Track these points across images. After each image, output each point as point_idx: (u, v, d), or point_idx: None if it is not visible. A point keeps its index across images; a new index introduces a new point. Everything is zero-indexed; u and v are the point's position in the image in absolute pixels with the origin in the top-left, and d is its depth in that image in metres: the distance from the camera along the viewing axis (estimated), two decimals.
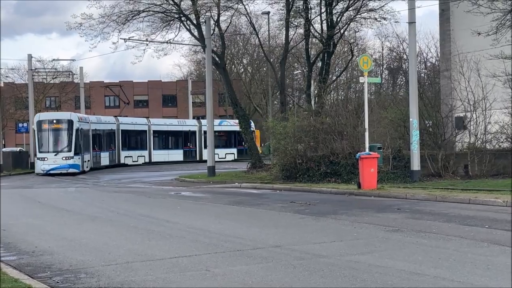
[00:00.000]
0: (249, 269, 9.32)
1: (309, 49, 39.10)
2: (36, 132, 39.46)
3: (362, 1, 35.38)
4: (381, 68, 64.22)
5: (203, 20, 35.62)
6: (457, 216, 14.55)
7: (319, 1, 35.93)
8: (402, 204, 17.42)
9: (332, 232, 12.81)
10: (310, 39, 38.58)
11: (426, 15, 78.84)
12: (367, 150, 21.39)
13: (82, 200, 21.87)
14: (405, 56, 49.82)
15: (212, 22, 36.30)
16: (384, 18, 36.42)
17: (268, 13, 42.03)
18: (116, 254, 10.67)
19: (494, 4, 26.86)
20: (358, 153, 21.52)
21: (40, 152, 39.15)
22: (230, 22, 41.92)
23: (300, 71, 58.31)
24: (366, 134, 21.55)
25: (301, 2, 35.99)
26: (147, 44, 37.41)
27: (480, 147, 26.06)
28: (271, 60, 43.29)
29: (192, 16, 36.55)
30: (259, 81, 66.91)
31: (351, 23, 37.37)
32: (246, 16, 40.00)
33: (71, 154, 39.40)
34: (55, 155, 38.96)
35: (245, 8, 37.89)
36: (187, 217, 15.88)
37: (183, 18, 37.21)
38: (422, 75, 47.36)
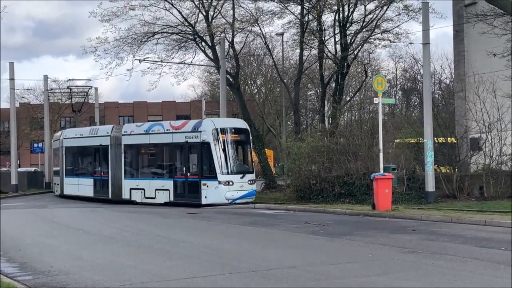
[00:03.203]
0: None
1: (323, 70, 39.21)
2: (213, 144, 26.75)
3: (376, 23, 35.52)
4: (395, 89, 64.24)
5: (218, 41, 35.86)
6: (473, 238, 14.46)
7: (333, 22, 36.10)
8: (417, 225, 17.34)
9: (347, 253, 12.77)
10: (324, 60, 38.71)
11: (440, 36, 79.01)
12: (381, 171, 21.35)
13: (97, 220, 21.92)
14: (419, 77, 49.80)
15: (226, 43, 36.54)
16: (398, 39, 36.53)
17: (282, 34, 42.26)
18: (131, 274, 10.69)
19: (508, 25, 26.88)
20: (373, 174, 21.48)
21: (223, 173, 26.69)
22: (244, 43, 42.21)
23: (313, 91, 58.45)
24: (381, 155, 21.53)
25: (315, 24, 36.18)
26: (161, 65, 37.72)
27: (496, 169, 25.94)
28: (285, 80, 43.44)
29: (207, 38, 36.82)
30: (272, 101, 67.07)
31: (365, 44, 37.50)
32: (260, 37, 40.27)
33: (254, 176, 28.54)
34: (241, 177, 27.26)
35: (260, 29, 38.15)
36: (202, 237, 15.88)
37: (197, 40, 37.49)
38: (436, 96, 47.30)
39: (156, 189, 28.94)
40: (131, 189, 30.30)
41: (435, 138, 25.44)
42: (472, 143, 28.10)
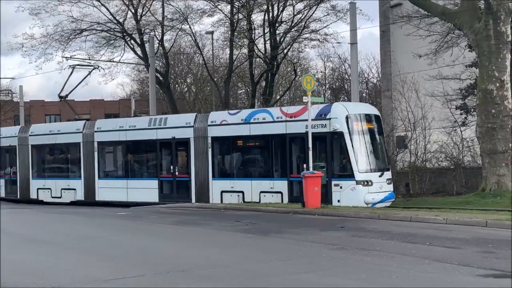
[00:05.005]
0: None
1: (253, 69, 39.40)
2: (347, 135, 22.12)
3: (305, 23, 35.96)
4: (324, 88, 65.09)
5: (147, 40, 35.57)
6: (399, 233, 14.81)
7: (262, 22, 36.34)
8: (346, 222, 17.63)
9: (277, 251, 12.88)
10: (254, 59, 38.92)
11: (366, 37, 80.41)
12: (311, 169, 21.59)
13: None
14: (347, 76, 50.70)
15: (156, 41, 36.26)
16: (326, 40, 37.10)
17: (212, 33, 42.25)
18: (59, 275, 10.47)
19: (432, 27, 27.67)
20: (302, 172, 21.69)
21: (361, 171, 22.12)
22: (174, 42, 42.02)
23: (244, 90, 58.60)
24: (310, 153, 21.77)
25: (245, 22, 36.34)
26: (89, 63, 37.10)
27: (421, 166, 26.67)
28: (215, 79, 43.42)
29: (136, 35, 36.48)
30: (203, 100, 66.85)
31: (294, 44, 37.93)
32: (190, 36, 40.16)
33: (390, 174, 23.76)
34: (380, 176, 22.72)
35: (190, 27, 38.03)
36: (130, 237, 15.71)
37: (126, 37, 37.08)
38: (364, 95, 48.27)
39: (261, 192, 23.71)
40: (222, 192, 25.25)
41: None
42: (398, 141, 28.81)
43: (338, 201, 21.98)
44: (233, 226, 17.42)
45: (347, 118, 22.21)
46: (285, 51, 38.00)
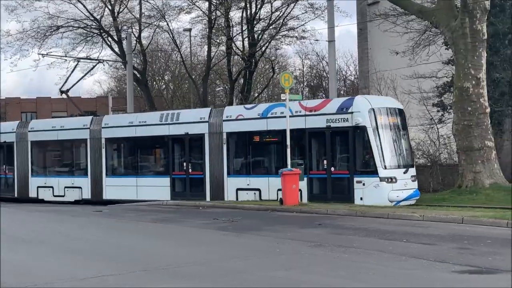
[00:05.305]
0: (174, 286, 9.27)
1: (231, 66, 39.39)
2: (370, 129, 21.16)
3: (283, 20, 36.02)
4: (302, 85, 65.23)
5: (124, 37, 35.41)
6: (377, 230, 14.91)
7: (240, 19, 36.33)
8: (324, 219, 17.69)
9: (255, 248, 12.90)
10: (232, 56, 38.91)
11: (344, 34, 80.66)
12: (289, 166, 21.63)
13: None
14: (325, 74, 50.85)
15: (133, 38, 36.10)
16: (303, 37, 37.20)
17: (189, 30, 42.15)
18: (35, 274, 10.39)
19: (410, 24, 27.84)
20: (280, 169, 21.72)
21: (384, 167, 21.12)
22: (152, 39, 41.87)
23: (222, 88, 58.56)
24: (288, 150, 21.81)
25: (223, 20, 36.31)
26: (65, 60, 36.87)
27: None
28: (193, 76, 43.33)
29: (113, 32, 36.30)
30: (181, 97, 66.67)
31: (272, 41, 37.97)
32: (168, 33, 40.05)
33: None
34: (405, 172, 21.81)
35: (167, 25, 37.92)
36: (109, 235, 15.63)
37: (104, 34, 36.88)
38: (342, 92, 48.46)
39: (279, 189, 21.89)
40: (237, 189, 24.18)
41: None
42: None
43: (361, 198, 21.06)
44: (211, 224, 17.41)
45: (370, 111, 21.31)
46: (263, 48, 38.03)
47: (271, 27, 36.46)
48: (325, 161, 21.97)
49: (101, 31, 36.65)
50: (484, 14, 23.39)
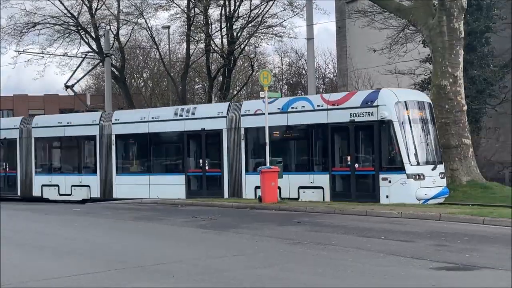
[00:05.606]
0: (151, 285, 9.20)
1: (210, 64, 39.30)
2: (397, 124, 20.13)
3: (262, 18, 36.00)
4: (280, 83, 65.28)
5: (102, 34, 35.17)
6: (355, 228, 14.94)
7: (219, 16, 36.25)
8: (302, 217, 17.70)
9: (234, 246, 12.85)
10: (211, 54, 38.83)
11: (322, 32, 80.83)
12: (267, 164, 21.61)
13: None
14: (304, 72, 50.94)
15: (111, 35, 35.86)
16: (281, 36, 37.22)
17: (168, 27, 41.97)
18: (8, 274, 10.23)
19: (388, 21, 27.98)
20: (259, 167, 21.68)
21: (412, 164, 20.18)
22: (130, 36, 41.64)
23: (201, 85, 58.39)
24: (267, 148, 21.79)
25: (202, 17, 36.22)
26: (42, 57, 36.55)
27: None
28: (172, 74, 43.17)
29: (91, 29, 36.04)
30: (159, 95, 66.38)
31: (251, 39, 37.95)
32: (146, 30, 39.87)
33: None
34: (433, 169, 20.72)
35: (146, 22, 37.73)
36: (85, 233, 15.50)
37: (81, 31, 36.61)
38: (321, 90, 48.56)
39: (300, 187, 21.89)
40: (255, 187, 22.91)
41: None
42: None
43: (387, 196, 20.00)
44: (191, 222, 17.34)
45: (396, 105, 20.28)
46: (242, 46, 38.00)
47: (250, 25, 36.44)
48: (348, 157, 21.04)
49: (79, 28, 36.37)
50: (461, 12, 23.56)
